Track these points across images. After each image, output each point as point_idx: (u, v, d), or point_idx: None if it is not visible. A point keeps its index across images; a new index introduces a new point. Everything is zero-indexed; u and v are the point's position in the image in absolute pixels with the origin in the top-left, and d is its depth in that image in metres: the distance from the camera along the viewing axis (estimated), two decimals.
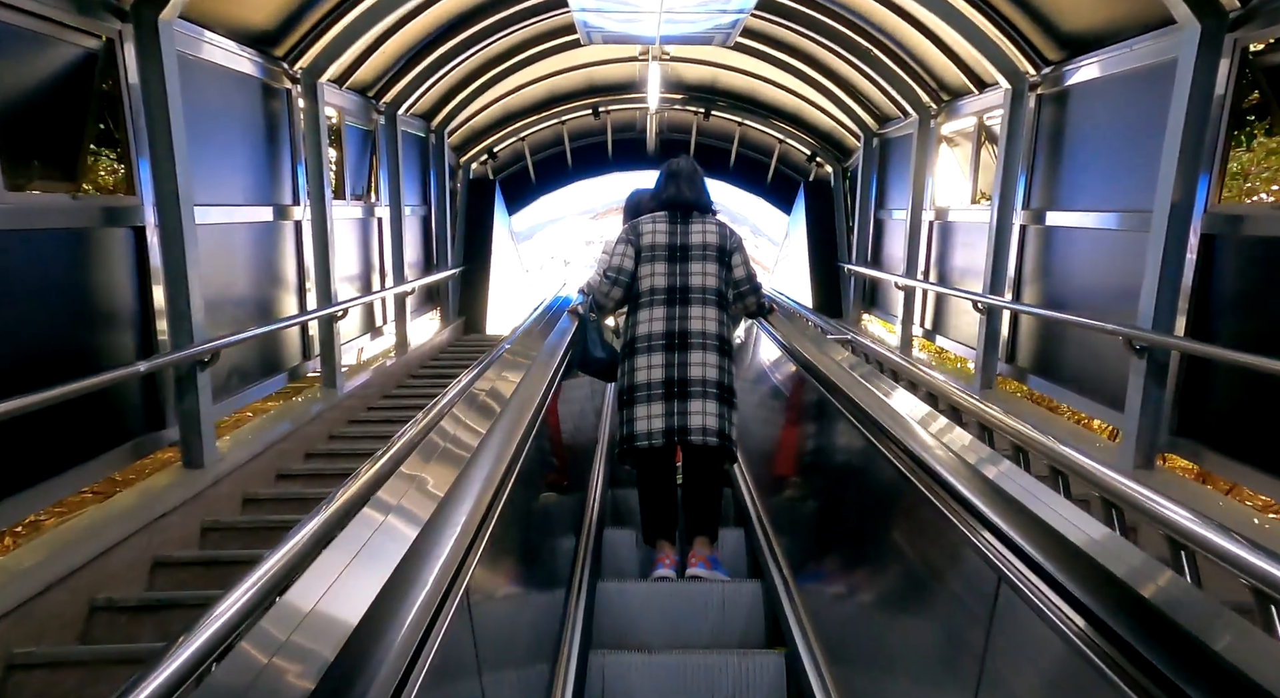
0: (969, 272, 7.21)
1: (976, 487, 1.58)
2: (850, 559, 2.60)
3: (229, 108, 5.06)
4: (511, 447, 1.84)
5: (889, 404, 2.29)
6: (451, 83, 9.09)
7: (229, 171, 5.07)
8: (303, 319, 5.78)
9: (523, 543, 2.22)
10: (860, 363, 3.06)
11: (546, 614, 2.47)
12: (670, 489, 3.56)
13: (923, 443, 1.90)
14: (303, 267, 5.98)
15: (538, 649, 2.28)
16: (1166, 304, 4.20)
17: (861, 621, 2.40)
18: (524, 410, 2.17)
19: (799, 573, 3.13)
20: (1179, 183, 4.08)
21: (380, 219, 7.93)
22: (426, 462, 1.59)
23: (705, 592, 3.24)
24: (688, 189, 3.58)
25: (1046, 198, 5.82)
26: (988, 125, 7.03)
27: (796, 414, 3.80)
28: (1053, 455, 2.56)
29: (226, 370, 4.83)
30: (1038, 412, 6.07)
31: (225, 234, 5.00)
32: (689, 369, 3.37)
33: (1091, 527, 1.30)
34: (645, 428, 3.38)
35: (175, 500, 3.85)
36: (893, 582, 2.19)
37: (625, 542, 3.86)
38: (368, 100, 7.49)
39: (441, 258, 9.97)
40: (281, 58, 5.56)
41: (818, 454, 3.34)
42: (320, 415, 5.76)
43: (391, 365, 7.84)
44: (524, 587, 2.20)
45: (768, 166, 12.37)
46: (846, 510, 2.72)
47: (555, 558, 2.80)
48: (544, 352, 3.19)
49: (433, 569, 1.19)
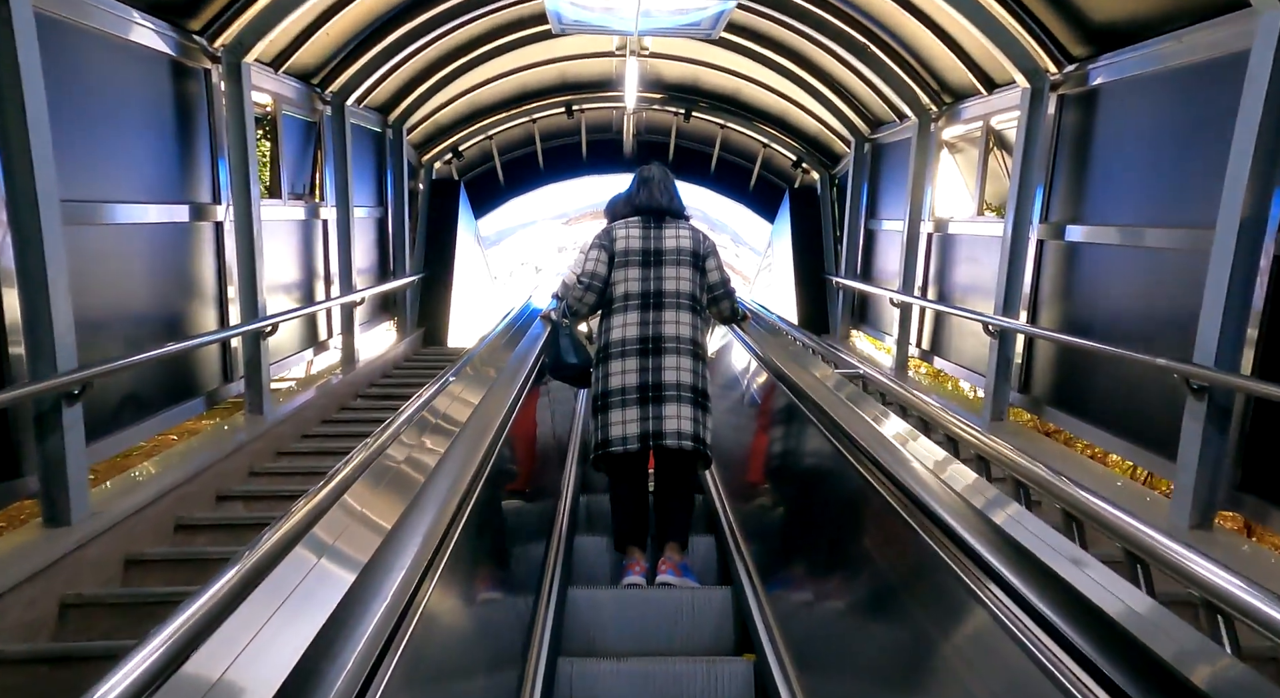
0: (974, 289, 6.59)
1: (1019, 570, 1.40)
2: (819, 568, 2.64)
3: (125, 88, 4.27)
4: (470, 470, 1.76)
5: (880, 432, 2.22)
6: (411, 73, 8.33)
7: (124, 164, 4.28)
8: (221, 336, 4.99)
9: (485, 564, 2.14)
10: (842, 381, 3.02)
11: (512, 629, 2.41)
12: (642, 496, 3.56)
13: (920, 480, 1.82)
14: (224, 275, 5.19)
15: (503, 662, 2.23)
16: (1231, 337, 3.56)
17: (830, 629, 2.45)
18: (485, 429, 2.08)
19: (768, 580, 3.15)
20: (1251, 196, 3.44)
21: (326, 221, 7.14)
22: (373, 491, 1.50)
23: (675, 599, 3.25)
24: (661, 194, 3.60)
25: (1069, 211, 5.20)
26: (997, 130, 6.42)
27: (770, 425, 3.81)
28: (1089, 512, 2.24)
29: (117, 400, 4.04)
30: (1057, 449, 5.43)
31: (118, 237, 4.21)
32: (663, 374, 3.38)
33: (1130, 595, 1.20)
34: (620, 433, 3.38)
35: (22, 572, 3.05)
36: (861, 591, 2.23)
37: (597, 548, 3.83)
38: (311, 88, 6.71)
39: (399, 264, 9.18)
40: (198, 32, 4.77)
41: (790, 465, 3.32)
42: (242, 448, 4.97)
43: (337, 384, 7.05)
44: (486, 609, 2.13)
45: (751, 172, 11.74)
46: (817, 521, 2.73)
47: (522, 572, 2.74)
48: (511, 363, 3.11)
49: (376, 611, 1.10)
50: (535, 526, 3.19)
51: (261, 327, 5.22)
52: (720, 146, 11.49)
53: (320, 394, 6.60)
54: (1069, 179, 5.22)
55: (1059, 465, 4.93)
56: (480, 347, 3.58)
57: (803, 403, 2.89)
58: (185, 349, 4.47)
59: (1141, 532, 1.93)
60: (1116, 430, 4.55)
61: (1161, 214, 4.28)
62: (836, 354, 5.49)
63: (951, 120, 7.14)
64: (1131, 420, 4.42)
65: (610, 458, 3.43)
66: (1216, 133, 3.69)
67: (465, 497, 1.65)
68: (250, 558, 1.43)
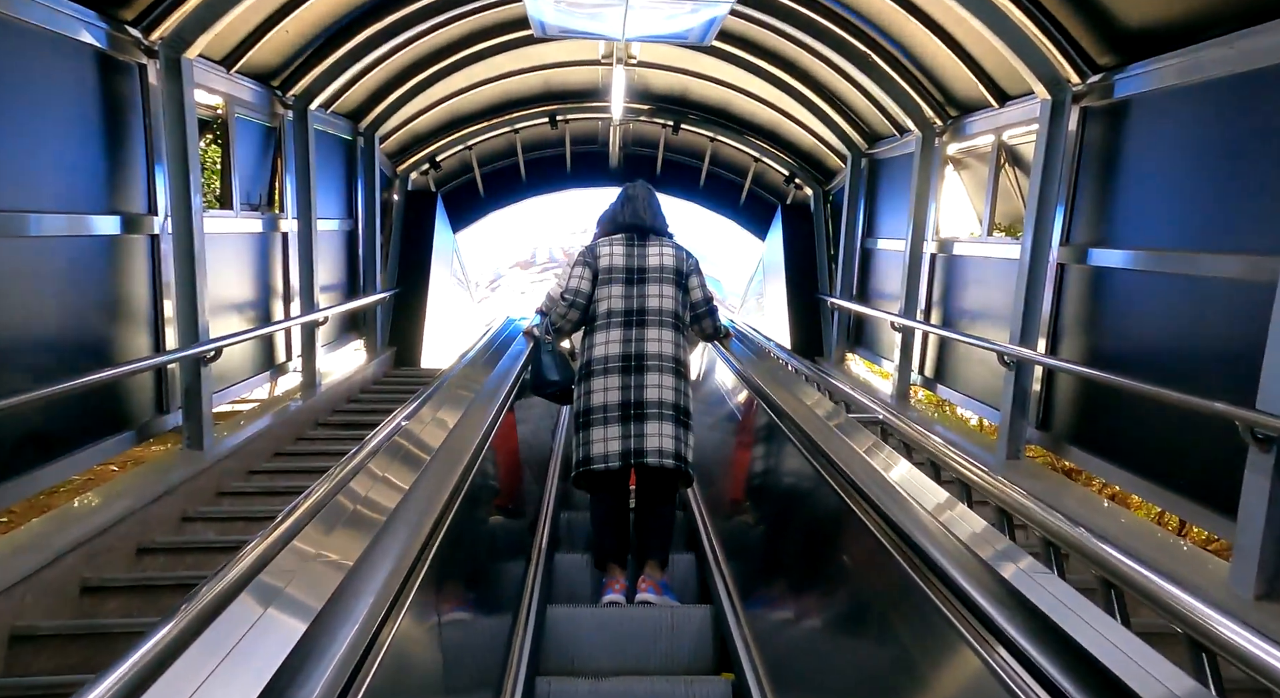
0: (984, 315, 6.15)
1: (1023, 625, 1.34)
2: (799, 589, 2.61)
3: (42, 83, 3.74)
4: (442, 497, 1.69)
5: (866, 460, 2.18)
6: (384, 77, 7.83)
7: (38, 169, 3.74)
8: (150, 363, 4.43)
9: (459, 591, 2.07)
10: (831, 405, 2.98)
11: (489, 650, 2.38)
12: (623, 514, 3.56)
13: (906, 509, 1.78)
14: (160, 294, 4.64)
15: (480, 684, 2.19)
16: None
17: (808, 649, 2.42)
18: (459, 455, 2.02)
19: (748, 599, 3.14)
20: None
21: (286, 234, 6.60)
22: (330, 531, 1.40)
23: (655, 617, 3.22)
24: (644, 212, 3.63)
25: (1094, 232, 4.76)
26: (1009, 145, 5.99)
27: (753, 444, 3.75)
28: (1139, 586, 2.04)
29: (15, 437, 3.49)
30: (1080, 492, 4.96)
31: (30, 252, 3.67)
32: (645, 392, 3.38)
33: None
34: (601, 451, 3.37)
35: None
36: (839, 613, 2.21)
37: (577, 565, 3.79)
38: (270, 90, 6.19)
39: (370, 280, 8.64)
40: (131, 22, 4.25)
41: (772, 485, 3.28)
42: (174, 490, 4.40)
43: (295, 411, 6.49)
44: (461, 633, 2.08)
45: (741, 187, 11.31)
46: (798, 542, 2.69)
47: (499, 594, 2.70)
48: (488, 384, 3.03)
49: (335, 652, 1.06)
50: (513, 547, 3.14)
51: (202, 351, 4.67)
52: (710, 160, 11.06)
53: (276, 423, 6.04)
54: (1094, 198, 4.78)
55: (1078, 509, 4.49)
56: (457, 367, 3.44)
57: (785, 425, 2.89)
58: (107, 379, 3.91)
59: (1211, 619, 1.75)
60: (1152, 476, 4.09)
61: (1208, 238, 3.84)
62: (851, 396, 4.84)
63: (957, 135, 6.72)
64: (1171, 466, 3.96)
65: (591, 476, 3.41)
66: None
67: (437, 524, 1.61)
68: (184, 617, 1.32)
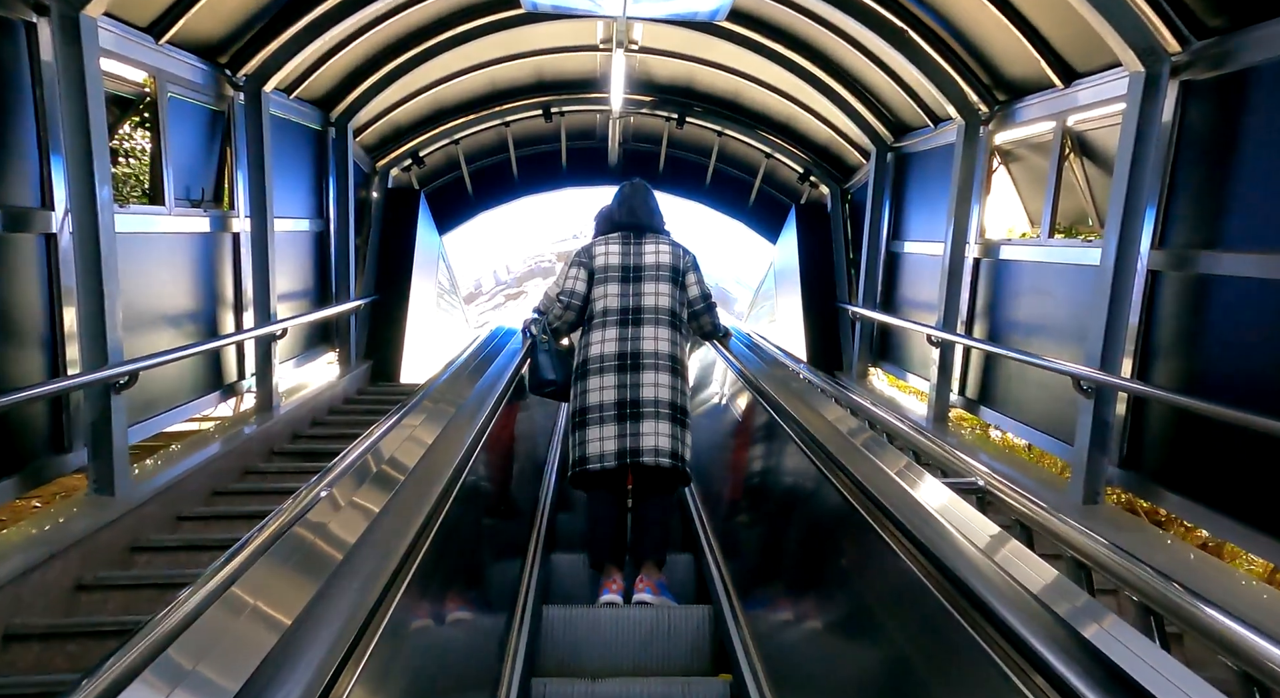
0: (1043, 330, 5.31)
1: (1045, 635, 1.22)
2: (799, 589, 2.55)
3: None
4: (408, 536, 1.50)
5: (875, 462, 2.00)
6: (356, 59, 6.99)
7: None
8: (39, 392, 3.56)
9: (451, 593, 1.97)
10: (857, 423, 2.68)
11: (483, 651, 2.34)
12: (620, 513, 3.53)
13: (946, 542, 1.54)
14: (57, 307, 3.79)
15: (475, 684, 2.16)
16: None
17: (807, 650, 2.38)
18: (437, 475, 1.83)
19: (747, 599, 3.07)
20: None
21: (238, 235, 5.76)
22: (264, 585, 1.24)
23: (652, 617, 3.17)
24: (640, 210, 3.65)
25: (1199, 233, 3.92)
26: (1075, 131, 5.15)
27: (753, 442, 3.63)
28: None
29: None
30: (1182, 548, 4.11)
31: None
32: (641, 390, 3.36)
33: None
34: (597, 450, 3.35)
35: None
36: (839, 614, 2.16)
37: (574, 565, 3.74)
38: (216, 67, 5.34)
39: (343, 286, 7.79)
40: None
41: (772, 484, 3.16)
42: (71, 548, 3.55)
43: (248, 438, 5.63)
44: (453, 634, 2.00)
45: (751, 186, 10.47)
46: (798, 542, 2.60)
47: (493, 595, 2.62)
48: (476, 389, 2.81)
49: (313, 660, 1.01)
50: (507, 548, 3.07)
51: (111, 376, 3.81)
52: (717, 156, 10.23)
53: (220, 454, 5.18)
54: (1198, 192, 3.94)
55: (1162, 556, 3.69)
56: (444, 375, 3.11)
57: (785, 422, 2.76)
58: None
59: None
60: (1273, 531, 3.26)
61: None
62: (948, 453, 3.33)
63: (1005, 122, 5.88)
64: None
65: (587, 475, 3.38)
66: None
67: (423, 529, 1.54)
68: None
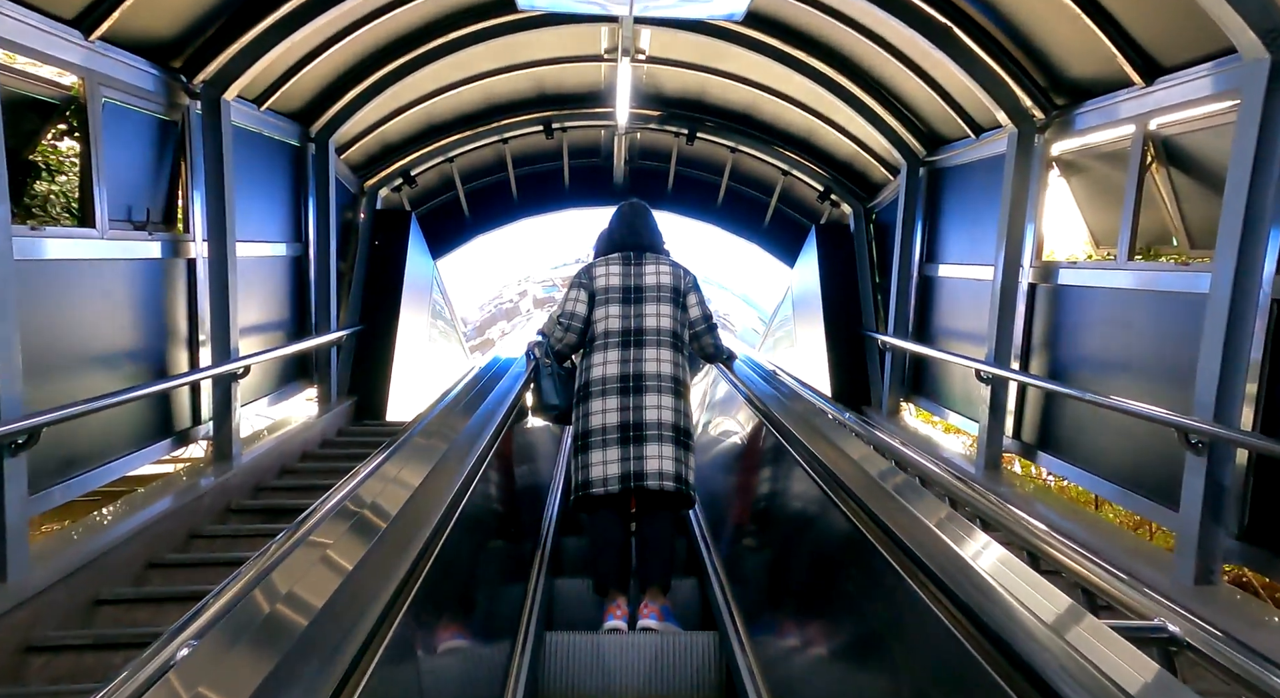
0: (1123, 367, 4.56)
1: None
2: (807, 615, 2.51)
3: None
4: (383, 599, 1.37)
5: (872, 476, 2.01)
6: (337, 68, 6.35)
7: None
8: None
9: (449, 623, 1.97)
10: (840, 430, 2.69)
11: (485, 679, 2.32)
12: (624, 537, 3.48)
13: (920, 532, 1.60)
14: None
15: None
16: None
17: (816, 678, 2.35)
18: (423, 521, 1.71)
19: (753, 625, 3.01)
20: None
21: (194, 261, 5.06)
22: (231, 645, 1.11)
23: (657, 644, 3.10)
24: (641, 230, 3.68)
25: None
26: (1159, 136, 4.44)
27: (761, 466, 3.55)
28: None
29: None
30: None
31: None
32: (644, 413, 3.35)
33: None
34: (600, 474, 3.35)
35: None
36: (848, 640, 2.13)
37: (578, 590, 3.66)
38: (167, 71, 4.67)
39: (323, 316, 7.09)
40: None
41: (779, 509, 3.09)
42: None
43: (200, 494, 4.89)
44: (454, 662, 2.01)
45: (766, 205, 9.80)
46: (806, 567, 2.59)
47: (494, 625, 2.60)
48: (468, 429, 2.56)
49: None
50: (507, 577, 3.00)
51: (4, 435, 3.09)
52: (730, 174, 9.57)
53: (161, 517, 4.44)
54: None
55: None
56: (438, 407, 2.90)
57: (791, 446, 2.66)
58: None
59: None
60: None
61: None
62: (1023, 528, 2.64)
63: (1065, 129, 5.19)
64: None
65: (591, 499, 3.38)
66: None
67: (405, 582, 1.43)
68: None
